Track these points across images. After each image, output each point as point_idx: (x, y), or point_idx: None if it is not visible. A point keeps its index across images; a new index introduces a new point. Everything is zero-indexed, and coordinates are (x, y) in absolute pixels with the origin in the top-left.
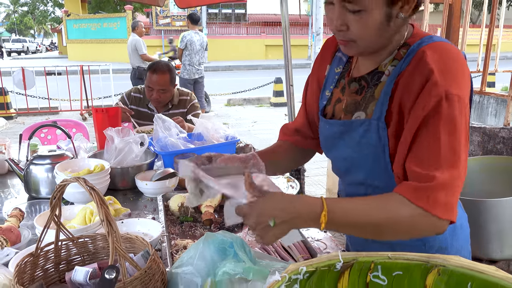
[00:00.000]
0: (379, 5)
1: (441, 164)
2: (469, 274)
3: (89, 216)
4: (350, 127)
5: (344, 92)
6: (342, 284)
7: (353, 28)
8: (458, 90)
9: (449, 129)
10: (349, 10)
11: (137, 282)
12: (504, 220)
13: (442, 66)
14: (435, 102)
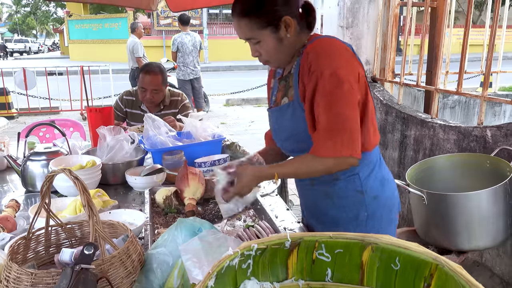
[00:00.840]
0: (267, 36)
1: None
2: (397, 250)
3: (79, 207)
4: (281, 110)
5: (278, 89)
6: (291, 260)
7: (262, 53)
8: (331, 69)
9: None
10: (254, 43)
11: (115, 259)
12: (471, 212)
13: (315, 53)
14: (315, 80)
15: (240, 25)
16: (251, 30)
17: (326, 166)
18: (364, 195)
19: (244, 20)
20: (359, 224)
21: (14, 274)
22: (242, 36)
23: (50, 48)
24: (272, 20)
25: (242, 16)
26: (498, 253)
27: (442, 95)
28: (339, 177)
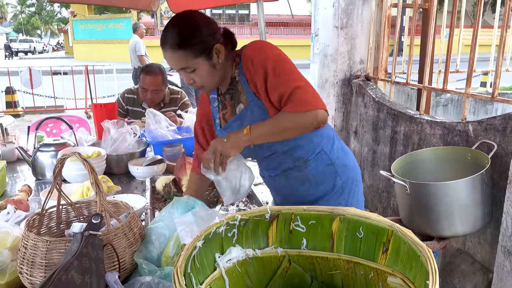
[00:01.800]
0: (202, 64)
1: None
2: (361, 220)
3: (86, 191)
4: (241, 117)
5: (225, 107)
6: (271, 231)
7: (196, 80)
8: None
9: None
10: (188, 71)
11: (118, 231)
12: (451, 201)
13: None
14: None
15: (174, 57)
16: (186, 61)
17: (299, 121)
18: (334, 166)
19: (179, 52)
20: (336, 192)
21: (32, 242)
22: (176, 67)
23: (54, 48)
24: (205, 49)
25: (176, 49)
26: (479, 241)
27: (435, 93)
28: (308, 159)
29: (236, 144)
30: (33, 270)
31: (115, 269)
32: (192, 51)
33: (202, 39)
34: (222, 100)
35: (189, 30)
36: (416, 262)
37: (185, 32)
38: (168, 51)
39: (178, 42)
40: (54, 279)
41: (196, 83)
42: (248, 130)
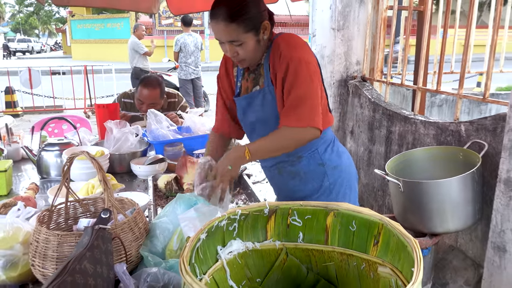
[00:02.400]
0: (250, 38)
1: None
2: (353, 215)
3: (91, 189)
4: (252, 97)
5: (248, 80)
6: (270, 225)
7: (241, 53)
8: (299, 54)
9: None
10: (235, 45)
11: (125, 226)
12: (443, 199)
13: (286, 43)
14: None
15: (226, 29)
16: (237, 34)
17: (293, 136)
18: (324, 167)
19: (232, 25)
20: (323, 192)
21: (43, 236)
22: (226, 39)
23: (52, 47)
24: (255, 25)
25: (230, 21)
26: (470, 237)
27: (430, 94)
28: (302, 155)
29: (237, 163)
30: (45, 263)
31: (123, 261)
32: (244, 25)
33: (253, 15)
34: (246, 75)
35: (243, 5)
36: (404, 252)
37: (239, 6)
38: (221, 24)
39: (232, 15)
40: (69, 268)
41: (239, 56)
42: (248, 153)
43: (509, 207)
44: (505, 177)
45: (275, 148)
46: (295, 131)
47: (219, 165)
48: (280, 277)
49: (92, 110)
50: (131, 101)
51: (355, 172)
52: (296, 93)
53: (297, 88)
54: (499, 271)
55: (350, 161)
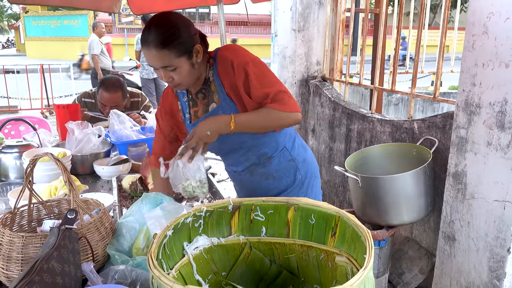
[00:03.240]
0: (184, 62)
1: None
2: (312, 209)
3: (54, 191)
4: (212, 114)
5: (196, 104)
6: (234, 221)
7: (176, 78)
8: (249, 58)
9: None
10: (169, 70)
11: (91, 225)
12: (397, 193)
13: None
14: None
15: (158, 55)
16: (169, 59)
17: (283, 119)
18: (295, 161)
19: (164, 51)
20: (297, 185)
21: (7, 238)
22: (159, 65)
23: (4, 45)
24: (188, 48)
25: (161, 47)
26: (424, 229)
27: (387, 93)
28: (272, 155)
29: (218, 130)
30: (9, 265)
31: (89, 260)
32: (176, 51)
33: (184, 39)
34: (194, 98)
35: (173, 31)
36: (358, 241)
37: (169, 32)
38: (153, 50)
39: (163, 41)
40: (37, 267)
41: (174, 81)
42: (233, 123)
43: (457, 199)
44: (453, 171)
45: (260, 126)
46: (282, 114)
47: (198, 127)
48: (244, 270)
49: (50, 110)
50: (92, 101)
51: (316, 162)
52: (272, 87)
53: (269, 82)
54: (450, 259)
55: (312, 154)
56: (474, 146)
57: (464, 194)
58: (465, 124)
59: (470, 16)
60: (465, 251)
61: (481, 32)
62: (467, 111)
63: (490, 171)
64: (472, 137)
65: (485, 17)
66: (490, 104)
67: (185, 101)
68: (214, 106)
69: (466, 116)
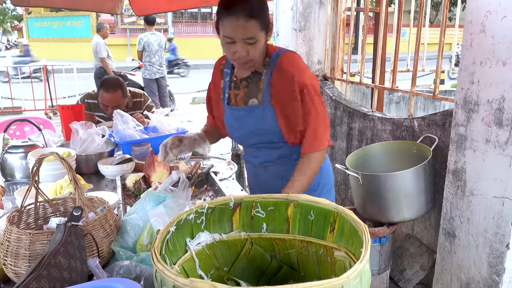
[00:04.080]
0: (263, 37)
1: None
2: (311, 205)
3: (59, 190)
4: (250, 110)
5: (239, 88)
6: (235, 217)
7: (251, 53)
8: (307, 80)
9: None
10: (249, 43)
11: (96, 223)
12: (398, 190)
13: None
14: (299, 88)
15: (246, 26)
16: (255, 31)
17: (319, 160)
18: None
19: (252, 21)
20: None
21: (15, 235)
22: (244, 35)
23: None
24: (266, 24)
25: (250, 17)
26: (425, 226)
27: (388, 91)
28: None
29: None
30: (17, 261)
31: (95, 256)
32: (261, 23)
33: (267, 13)
34: (238, 83)
35: (261, 3)
36: (356, 236)
37: (258, 3)
38: (242, 20)
39: (252, 12)
40: (44, 262)
41: (248, 56)
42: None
43: (457, 195)
44: (453, 168)
45: (309, 179)
46: (319, 155)
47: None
48: (246, 266)
49: (54, 111)
50: (94, 102)
51: (332, 174)
52: (315, 118)
53: (315, 114)
54: (450, 255)
55: (330, 164)
56: (473, 143)
57: (463, 191)
58: (464, 121)
59: (468, 14)
60: (465, 247)
61: (478, 31)
62: (466, 108)
63: (489, 168)
64: (471, 135)
65: (483, 16)
66: (488, 102)
67: (227, 81)
68: (255, 103)
69: (465, 113)
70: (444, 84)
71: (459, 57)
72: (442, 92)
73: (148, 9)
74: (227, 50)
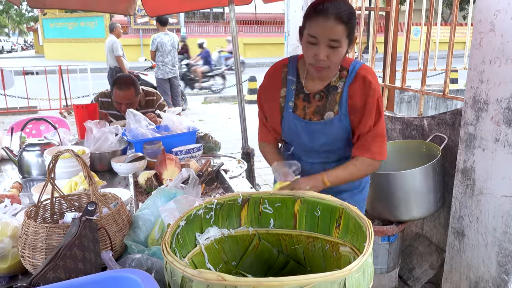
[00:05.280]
0: (345, 45)
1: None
2: (317, 201)
3: (74, 186)
4: (327, 124)
5: (310, 102)
6: (243, 213)
7: (331, 58)
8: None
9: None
10: (332, 46)
11: (109, 217)
12: (407, 188)
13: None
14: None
15: (335, 28)
16: (341, 35)
17: (367, 168)
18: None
19: (341, 26)
20: (359, 188)
21: (32, 228)
22: (330, 36)
23: (23, 47)
24: (353, 35)
25: (340, 21)
26: (434, 225)
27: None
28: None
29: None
30: (34, 254)
31: (108, 249)
32: (348, 31)
33: (354, 25)
34: (311, 97)
35: (353, 12)
36: (360, 232)
37: (350, 11)
38: (332, 20)
39: (344, 17)
40: (60, 254)
41: (327, 60)
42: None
43: (466, 194)
44: (462, 167)
45: (350, 178)
46: (370, 163)
47: (299, 185)
48: (253, 260)
49: (68, 110)
50: (108, 100)
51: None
52: (378, 129)
53: (379, 124)
54: (459, 254)
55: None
56: (482, 142)
57: (472, 189)
58: (473, 120)
59: (477, 14)
60: (474, 246)
61: (488, 30)
62: (475, 107)
63: (498, 167)
64: (480, 134)
65: (492, 15)
66: (498, 101)
67: (292, 90)
68: (331, 116)
69: (474, 112)
70: (457, 83)
71: None
72: (454, 91)
73: (160, 10)
74: (308, 51)
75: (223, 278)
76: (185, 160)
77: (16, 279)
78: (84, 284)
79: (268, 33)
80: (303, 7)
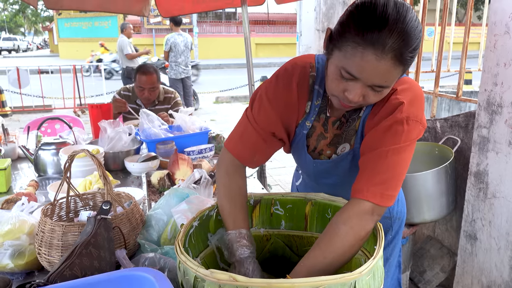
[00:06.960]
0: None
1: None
2: (328, 204)
3: (88, 185)
4: (339, 160)
5: (327, 130)
6: (255, 214)
7: (369, 100)
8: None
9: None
10: (376, 90)
11: (123, 216)
12: (419, 191)
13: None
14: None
15: (389, 71)
16: (394, 79)
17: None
18: (391, 220)
19: (399, 68)
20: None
21: (49, 226)
22: (378, 82)
23: (39, 46)
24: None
25: (399, 62)
26: (446, 227)
27: None
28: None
29: None
30: (51, 251)
31: (122, 248)
32: (405, 69)
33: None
34: (329, 122)
35: (417, 45)
36: (371, 235)
37: (415, 46)
38: (387, 62)
39: (407, 54)
40: (76, 252)
41: (362, 101)
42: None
43: (479, 198)
44: (475, 170)
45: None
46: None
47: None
48: (266, 259)
49: (82, 109)
50: (129, 94)
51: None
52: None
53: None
54: (471, 258)
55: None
56: (496, 145)
57: (485, 193)
58: (487, 123)
59: (492, 16)
60: (486, 250)
61: (503, 32)
62: (489, 110)
63: None
64: (494, 137)
65: (507, 17)
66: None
67: (316, 105)
68: (346, 150)
69: (488, 115)
70: (472, 84)
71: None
72: (468, 93)
73: (173, 11)
74: (336, 85)
75: (234, 279)
76: (197, 160)
77: (33, 276)
78: (100, 282)
79: (280, 33)
80: (315, 8)
